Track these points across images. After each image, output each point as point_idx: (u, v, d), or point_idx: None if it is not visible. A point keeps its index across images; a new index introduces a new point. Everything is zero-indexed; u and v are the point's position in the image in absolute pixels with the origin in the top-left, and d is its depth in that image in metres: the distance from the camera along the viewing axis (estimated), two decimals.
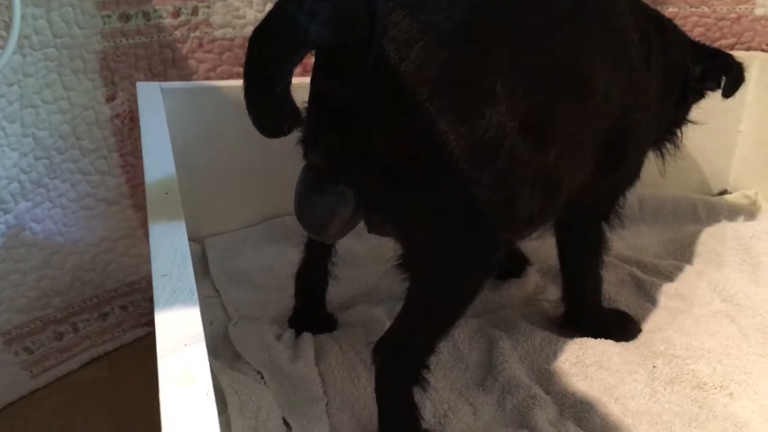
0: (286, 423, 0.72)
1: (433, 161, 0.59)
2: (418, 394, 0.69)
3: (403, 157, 0.60)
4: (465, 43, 0.59)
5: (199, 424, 0.38)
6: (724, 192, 1.22)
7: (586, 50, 0.68)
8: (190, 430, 0.38)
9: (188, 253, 0.54)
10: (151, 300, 1.02)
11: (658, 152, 0.89)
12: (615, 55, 0.71)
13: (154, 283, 0.50)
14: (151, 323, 1.03)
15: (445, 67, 0.57)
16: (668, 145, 0.90)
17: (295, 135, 0.67)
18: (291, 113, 0.57)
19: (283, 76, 0.54)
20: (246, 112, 0.56)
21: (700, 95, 0.90)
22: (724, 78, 0.87)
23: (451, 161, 0.58)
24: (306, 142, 0.66)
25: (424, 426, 0.72)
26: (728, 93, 0.88)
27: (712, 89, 0.89)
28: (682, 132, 0.90)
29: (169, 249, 0.54)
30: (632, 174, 0.84)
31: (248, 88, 0.54)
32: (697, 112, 0.91)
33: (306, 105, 0.64)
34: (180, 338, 0.45)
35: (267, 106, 0.55)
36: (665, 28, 0.82)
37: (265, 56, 0.53)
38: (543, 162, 0.64)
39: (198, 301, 0.49)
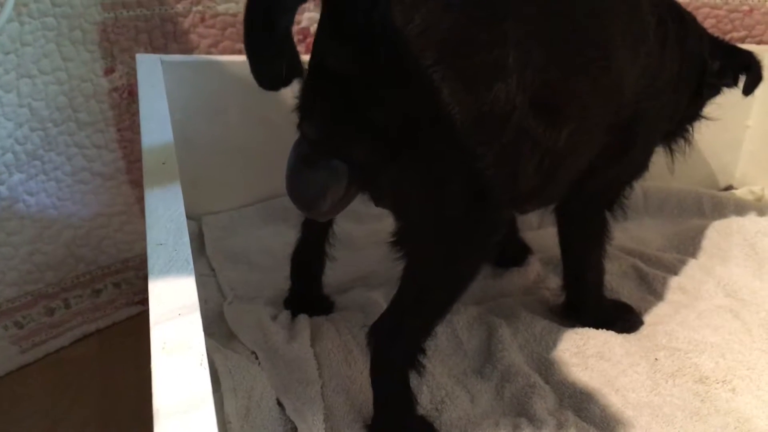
0: (279, 404, 0.70)
1: (434, 132, 0.56)
2: (414, 379, 0.68)
3: (404, 126, 0.57)
4: (475, 8, 0.56)
5: (192, 393, 0.37)
6: (729, 187, 1.21)
7: (605, 25, 0.66)
8: (183, 399, 0.37)
9: (184, 223, 0.52)
10: (145, 278, 1.00)
11: (667, 147, 0.88)
12: (633, 35, 0.69)
13: (149, 252, 0.49)
14: (144, 302, 1.01)
15: (451, 32, 0.55)
16: (678, 141, 0.88)
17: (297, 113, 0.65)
18: (290, 61, 0.54)
19: (285, 17, 0.51)
20: (247, 89, 0.54)
21: (716, 91, 0.88)
22: (741, 76, 0.86)
23: (453, 133, 0.56)
24: (301, 111, 0.63)
25: (420, 412, 0.71)
26: (749, 91, 0.86)
27: (729, 86, 0.87)
28: (693, 128, 0.88)
29: (165, 218, 0.53)
30: (640, 164, 0.82)
31: (248, 30, 0.52)
32: (706, 107, 0.89)
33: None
34: (174, 307, 0.43)
35: (267, 50, 0.53)
36: (684, 19, 0.81)
37: None
38: (553, 140, 0.62)
39: (194, 271, 0.47)
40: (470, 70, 0.56)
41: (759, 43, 1.15)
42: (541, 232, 1.03)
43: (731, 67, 0.85)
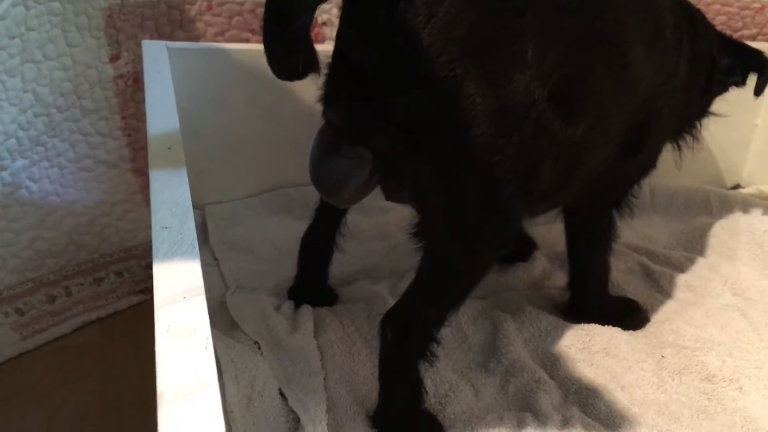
0: (282, 394, 0.69)
1: (455, 125, 0.57)
2: (423, 371, 0.67)
3: (424, 118, 0.57)
4: (497, 2, 0.56)
5: (197, 377, 0.36)
6: (737, 186, 1.20)
7: (624, 22, 0.66)
8: (187, 382, 0.36)
9: (190, 207, 0.51)
10: (147, 267, 0.99)
11: (675, 144, 0.87)
12: (651, 34, 0.69)
13: (154, 236, 0.48)
14: (146, 291, 1.01)
15: (474, 26, 0.55)
16: (686, 138, 0.87)
17: (305, 103, 0.65)
18: (307, 55, 0.55)
19: (304, 11, 0.51)
20: (254, 78, 0.55)
21: (724, 89, 0.87)
22: (750, 74, 0.85)
23: (474, 126, 0.56)
24: (326, 99, 0.63)
25: (425, 405, 0.70)
26: (759, 91, 0.86)
27: (737, 84, 0.86)
28: (701, 125, 0.88)
29: (170, 202, 0.52)
30: (649, 162, 0.82)
31: (267, 21, 0.52)
32: (714, 104, 0.89)
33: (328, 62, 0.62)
34: (179, 291, 0.43)
35: (284, 41, 0.53)
36: (694, 17, 0.80)
37: None
38: (570, 136, 0.62)
39: (199, 255, 0.46)
40: (492, 63, 0.56)
41: None
42: (547, 227, 1.02)
43: (740, 65, 0.84)
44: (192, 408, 0.35)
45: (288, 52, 0.54)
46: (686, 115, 0.84)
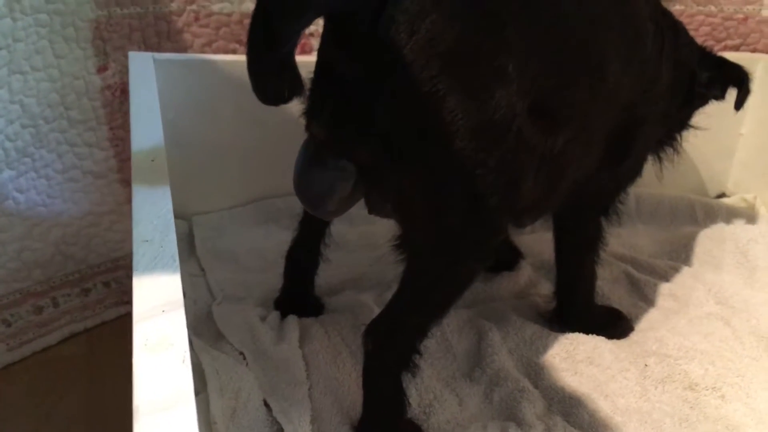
0: (266, 405, 0.70)
1: (437, 139, 0.57)
2: (405, 381, 0.68)
3: (408, 132, 0.58)
4: (478, 18, 0.57)
5: (173, 390, 0.36)
6: (722, 195, 1.21)
7: (600, 35, 0.67)
8: (163, 396, 0.36)
9: (172, 220, 0.52)
10: None
11: (656, 156, 0.88)
12: (629, 44, 0.70)
13: (135, 249, 0.48)
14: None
15: (456, 42, 0.56)
16: (667, 150, 0.88)
17: (291, 114, 0.65)
18: (292, 79, 0.55)
19: (289, 38, 0.52)
20: (241, 88, 0.55)
21: (704, 101, 0.88)
22: (730, 88, 0.86)
23: (456, 140, 0.57)
24: (309, 113, 0.64)
25: (408, 415, 0.70)
26: (739, 106, 0.87)
27: (717, 98, 0.87)
28: (681, 137, 0.89)
29: (152, 215, 0.52)
30: (635, 169, 0.83)
31: (251, 47, 0.53)
32: (698, 113, 0.90)
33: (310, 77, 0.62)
34: (158, 304, 0.43)
35: (268, 68, 0.54)
36: (677, 27, 0.81)
37: (272, 15, 0.52)
38: (550, 148, 0.63)
39: (179, 268, 0.46)
40: (474, 78, 0.57)
41: (753, 51, 1.14)
42: (533, 236, 1.02)
43: (720, 79, 0.86)
44: (167, 422, 0.35)
45: (273, 78, 0.55)
46: (668, 125, 0.85)
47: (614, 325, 0.87)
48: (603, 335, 0.85)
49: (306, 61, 0.61)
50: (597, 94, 0.67)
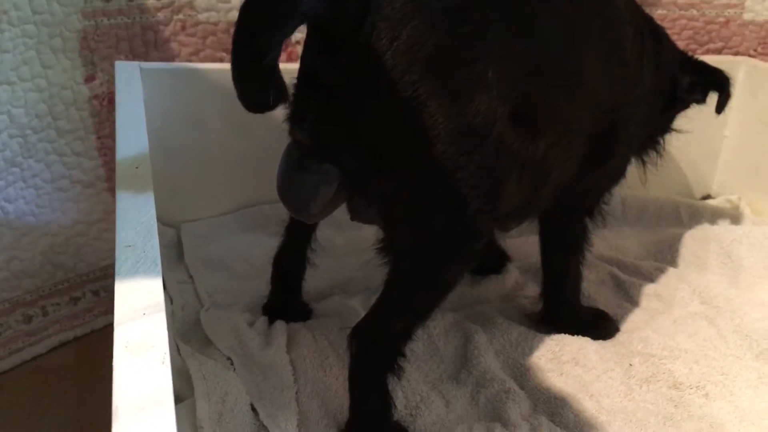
0: (253, 409, 0.70)
1: (419, 143, 0.58)
2: (390, 384, 0.68)
3: (390, 137, 0.59)
4: (458, 25, 0.58)
5: (152, 391, 0.37)
6: (707, 197, 1.22)
7: (579, 40, 0.68)
8: (142, 396, 0.37)
9: (155, 225, 0.52)
10: None
11: (639, 159, 0.89)
12: (608, 48, 0.71)
13: (117, 254, 0.49)
14: None
15: (437, 48, 0.57)
16: (650, 153, 0.89)
17: (278, 121, 0.66)
18: (277, 88, 0.56)
19: (273, 47, 0.53)
20: (227, 96, 0.56)
21: (686, 106, 0.89)
22: (710, 92, 0.87)
23: (437, 145, 0.58)
24: (293, 119, 0.65)
25: (395, 417, 0.71)
26: (720, 109, 0.88)
27: (698, 102, 0.88)
28: (665, 140, 0.90)
29: (135, 221, 0.53)
30: (618, 170, 0.84)
31: (236, 57, 0.54)
32: (683, 116, 0.91)
33: (294, 83, 0.63)
34: (139, 307, 0.44)
35: (253, 78, 0.55)
36: (658, 32, 0.83)
37: (256, 26, 0.52)
38: (531, 152, 0.64)
39: (161, 272, 0.47)
40: (454, 84, 0.58)
41: (736, 53, 1.16)
42: (520, 240, 1.03)
43: (700, 83, 0.87)
44: (146, 422, 0.35)
45: (258, 87, 0.55)
46: (650, 128, 0.86)
47: (600, 326, 0.88)
48: (589, 336, 0.85)
49: (293, 68, 0.62)
50: (577, 98, 0.68)
